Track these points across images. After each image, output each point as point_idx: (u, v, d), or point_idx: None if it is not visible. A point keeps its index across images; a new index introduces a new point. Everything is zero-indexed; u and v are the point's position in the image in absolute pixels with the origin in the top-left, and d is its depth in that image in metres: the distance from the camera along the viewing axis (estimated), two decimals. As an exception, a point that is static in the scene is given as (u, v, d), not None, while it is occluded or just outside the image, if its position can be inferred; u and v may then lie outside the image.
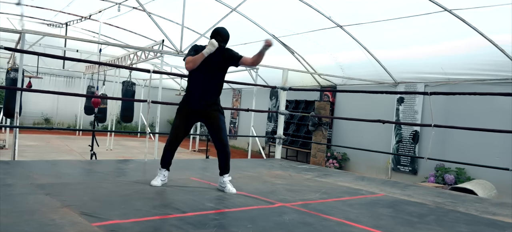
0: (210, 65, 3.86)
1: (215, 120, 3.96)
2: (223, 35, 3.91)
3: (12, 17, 12.29)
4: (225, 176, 3.98)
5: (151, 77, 7.02)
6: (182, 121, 4.01)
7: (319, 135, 10.16)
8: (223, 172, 3.99)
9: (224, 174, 3.98)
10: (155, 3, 9.43)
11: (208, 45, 3.76)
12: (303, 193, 4.19)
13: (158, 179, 3.98)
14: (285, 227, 2.86)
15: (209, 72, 3.89)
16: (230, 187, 3.92)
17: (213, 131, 3.99)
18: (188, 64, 3.80)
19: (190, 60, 3.79)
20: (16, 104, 6.09)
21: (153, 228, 2.64)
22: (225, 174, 3.98)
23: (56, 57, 6.48)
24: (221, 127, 3.98)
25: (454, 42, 7.77)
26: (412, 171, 9.12)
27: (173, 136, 4.03)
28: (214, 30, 3.93)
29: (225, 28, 3.98)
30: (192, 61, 3.78)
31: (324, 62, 10.56)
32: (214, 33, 3.91)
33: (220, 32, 3.90)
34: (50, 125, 15.99)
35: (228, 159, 4.00)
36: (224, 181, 3.96)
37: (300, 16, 8.93)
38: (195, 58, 3.77)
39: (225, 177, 3.97)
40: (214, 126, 3.98)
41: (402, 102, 9.48)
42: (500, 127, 6.00)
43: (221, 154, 4.00)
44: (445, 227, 3.20)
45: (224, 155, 4.00)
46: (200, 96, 3.92)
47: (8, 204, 2.86)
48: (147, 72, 6.27)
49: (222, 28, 3.96)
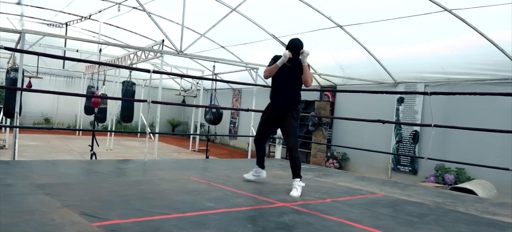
0: (285, 74, 4.16)
1: (287, 125, 4.22)
2: (294, 46, 4.11)
3: (12, 17, 12.29)
4: (295, 180, 4.09)
5: (151, 77, 7.03)
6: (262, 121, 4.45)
7: (319, 135, 10.16)
8: (293, 176, 4.13)
9: (294, 178, 4.11)
10: (155, 3, 9.43)
11: (282, 56, 4.09)
12: (303, 193, 4.19)
13: (250, 173, 4.56)
14: (285, 227, 2.86)
15: (284, 80, 4.19)
16: (293, 192, 4.00)
17: (284, 135, 4.30)
18: (265, 73, 4.26)
19: (266, 70, 4.22)
20: (16, 104, 6.10)
21: (153, 228, 2.64)
22: (296, 178, 4.10)
23: (56, 57, 6.48)
24: (290, 132, 4.20)
25: (454, 42, 7.77)
26: (412, 171, 9.12)
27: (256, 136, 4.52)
28: (288, 42, 4.17)
29: (298, 38, 4.17)
30: (268, 71, 4.20)
31: (324, 62, 10.56)
32: (288, 44, 4.17)
33: (293, 44, 4.12)
34: (50, 125, 15.99)
35: (295, 164, 4.14)
36: (292, 185, 4.09)
37: (300, 16, 8.93)
38: (270, 68, 4.16)
39: (295, 181, 4.09)
40: (284, 131, 4.27)
41: (402, 102, 9.48)
42: (500, 127, 5.99)
43: (289, 158, 4.22)
44: (445, 227, 3.20)
45: (291, 160, 4.18)
46: (278, 102, 4.28)
47: (8, 204, 2.86)
48: (147, 72, 6.27)
49: (296, 39, 4.17)
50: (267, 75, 4.24)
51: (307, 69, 4.15)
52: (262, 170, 4.57)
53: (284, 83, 4.22)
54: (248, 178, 4.50)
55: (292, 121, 4.21)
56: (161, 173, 4.82)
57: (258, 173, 4.55)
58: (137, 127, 16.79)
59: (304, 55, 4.09)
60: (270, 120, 4.40)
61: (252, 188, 4.19)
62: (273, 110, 4.33)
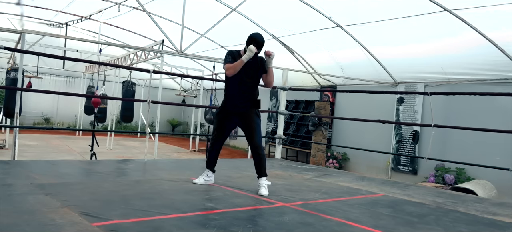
0: (247, 70, 3.97)
1: (251, 123, 4.07)
2: (259, 42, 3.97)
3: (12, 17, 12.29)
4: (261, 179, 4.02)
5: (151, 77, 7.03)
6: (219, 123, 4.18)
7: (319, 135, 10.16)
8: (259, 175, 4.04)
9: (260, 177, 4.03)
10: (155, 3, 9.43)
11: (247, 51, 3.89)
12: (303, 193, 4.19)
13: (201, 178, 4.21)
14: (285, 227, 2.86)
15: (246, 77, 4.01)
16: (262, 190, 3.93)
17: (247, 133, 4.10)
18: (229, 71, 3.94)
19: (231, 67, 3.93)
20: (16, 104, 6.10)
21: (153, 228, 2.64)
22: (262, 176, 4.03)
23: (56, 57, 6.49)
24: (255, 130, 4.07)
25: (454, 42, 7.77)
26: (412, 171, 9.12)
27: (214, 139, 4.23)
28: (250, 37, 4.01)
29: (260, 34, 4.07)
30: (233, 68, 3.92)
31: (324, 62, 10.56)
32: (250, 39, 3.98)
33: (256, 38, 3.97)
34: (50, 125, 15.99)
35: (262, 162, 4.04)
36: (260, 184, 4.00)
37: (300, 16, 8.93)
38: (235, 64, 3.91)
39: (261, 179, 4.02)
40: (249, 129, 4.09)
41: (402, 102, 9.48)
42: (500, 127, 5.99)
43: (255, 157, 4.10)
44: (445, 227, 3.20)
45: (257, 158, 4.07)
46: (241, 100, 4.06)
47: (8, 204, 2.86)
48: (147, 72, 6.27)
49: (258, 34, 4.03)
50: (232, 72, 3.94)
51: (272, 71, 4.10)
52: (213, 174, 4.27)
53: (246, 80, 4.03)
54: (198, 183, 4.15)
55: (256, 119, 4.08)
56: (161, 173, 4.82)
57: (209, 178, 4.22)
58: (137, 127, 16.80)
59: (272, 57, 4.00)
60: (230, 120, 4.16)
61: (252, 188, 4.19)
62: (234, 109, 4.09)
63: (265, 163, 4.05)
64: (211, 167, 4.26)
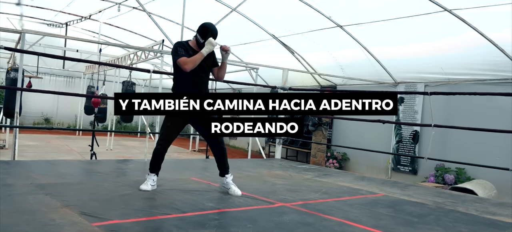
0: (200, 64, 3.69)
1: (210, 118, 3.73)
2: (215, 34, 3.74)
3: (12, 17, 12.29)
4: (227, 177, 3.85)
5: (151, 77, 7.02)
6: (173, 122, 3.77)
7: (319, 135, 10.16)
8: (224, 173, 3.86)
9: (225, 175, 3.86)
10: (155, 3, 9.43)
11: (207, 44, 3.64)
12: (303, 193, 4.19)
13: (148, 184, 3.75)
14: (285, 227, 2.86)
15: (201, 71, 3.74)
16: (234, 189, 3.79)
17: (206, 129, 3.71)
18: (188, 65, 3.56)
19: (190, 61, 3.58)
20: (16, 104, 6.09)
21: (153, 228, 2.64)
22: (226, 174, 3.85)
23: (56, 57, 6.49)
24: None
25: (454, 42, 7.77)
26: (412, 171, 9.12)
27: (167, 139, 3.81)
28: (205, 28, 3.72)
29: (212, 23, 3.85)
30: (192, 62, 3.59)
31: (324, 62, 10.56)
32: (206, 30, 3.71)
33: (213, 31, 3.73)
34: (50, 125, 15.98)
35: (226, 157, 3.85)
36: (227, 182, 3.83)
37: (300, 16, 8.93)
38: (195, 58, 3.61)
39: (227, 177, 3.85)
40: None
41: (402, 102, 9.48)
42: (500, 127, 5.99)
43: (217, 152, 3.84)
44: (445, 227, 3.20)
45: (220, 153, 3.83)
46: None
47: (8, 204, 2.86)
48: (147, 72, 6.27)
49: (212, 24, 3.80)
50: (191, 67, 3.58)
51: (226, 66, 3.90)
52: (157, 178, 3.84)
53: (202, 73, 3.77)
54: (146, 189, 3.69)
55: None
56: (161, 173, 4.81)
57: (155, 182, 3.80)
58: (137, 127, 16.79)
59: (228, 53, 3.83)
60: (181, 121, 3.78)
61: (252, 188, 4.19)
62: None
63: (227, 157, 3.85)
64: (157, 171, 3.82)
